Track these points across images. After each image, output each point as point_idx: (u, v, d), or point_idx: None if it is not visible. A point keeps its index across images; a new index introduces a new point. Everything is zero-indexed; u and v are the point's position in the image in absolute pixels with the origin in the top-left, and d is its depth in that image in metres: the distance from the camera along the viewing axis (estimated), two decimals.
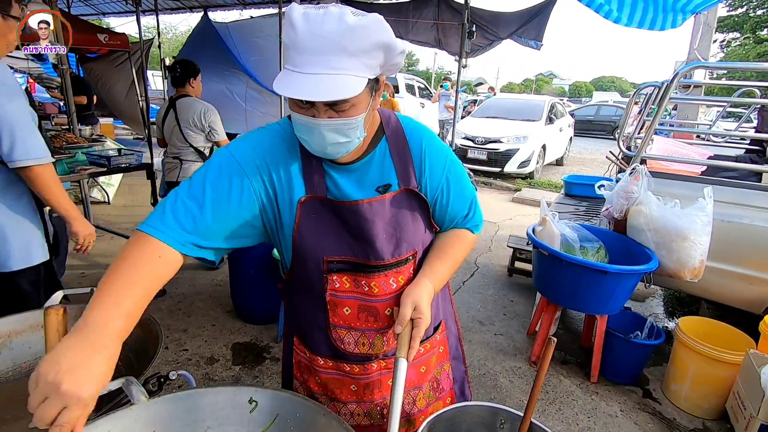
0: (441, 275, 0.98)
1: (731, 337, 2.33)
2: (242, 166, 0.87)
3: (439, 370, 1.16)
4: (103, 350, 0.66)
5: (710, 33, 5.13)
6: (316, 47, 0.72)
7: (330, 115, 0.78)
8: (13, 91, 1.56)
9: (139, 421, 0.89)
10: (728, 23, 21.09)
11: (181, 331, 2.80)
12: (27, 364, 1.28)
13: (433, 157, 0.97)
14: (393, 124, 0.97)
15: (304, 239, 0.91)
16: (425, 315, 0.90)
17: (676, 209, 2.33)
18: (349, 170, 0.93)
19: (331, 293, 0.96)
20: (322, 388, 1.07)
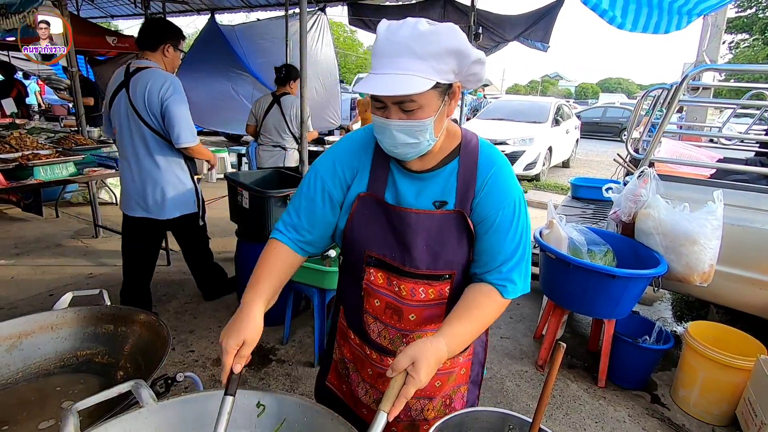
0: (460, 337, 0.91)
1: (741, 343, 2.30)
2: (322, 175, 1.04)
3: (455, 390, 1.17)
4: (245, 316, 0.91)
5: (719, 34, 5.09)
6: (389, 51, 0.82)
7: (400, 116, 0.87)
8: (183, 98, 2.45)
9: (148, 424, 0.90)
10: (737, 24, 20.90)
11: (187, 333, 2.81)
12: (36, 364, 1.29)
13: (494, 190, 0.96)
14: (471, 147, 0.99)
15: (353, 230, 1.02)
16: (419, 375, 0.81)
17: (686, 213, 2.31)
18: (415, 178, 0.99)
19: (366, 283, 1.04)
20: (352, 357, 1.17)
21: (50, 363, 1.30)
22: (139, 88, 2.37)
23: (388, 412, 0.80)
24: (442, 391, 1.14)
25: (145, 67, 2.41)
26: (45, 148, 3.18)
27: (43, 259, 3.81)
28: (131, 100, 2.39)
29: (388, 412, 0.80)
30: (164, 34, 2.49)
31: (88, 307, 1.39)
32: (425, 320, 1.04)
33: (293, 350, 2.71)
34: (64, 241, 4.27)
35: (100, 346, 1.35)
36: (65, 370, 1.31)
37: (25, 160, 2.81)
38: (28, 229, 4.57)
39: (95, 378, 1.28)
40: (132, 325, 1.36)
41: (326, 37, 7.63)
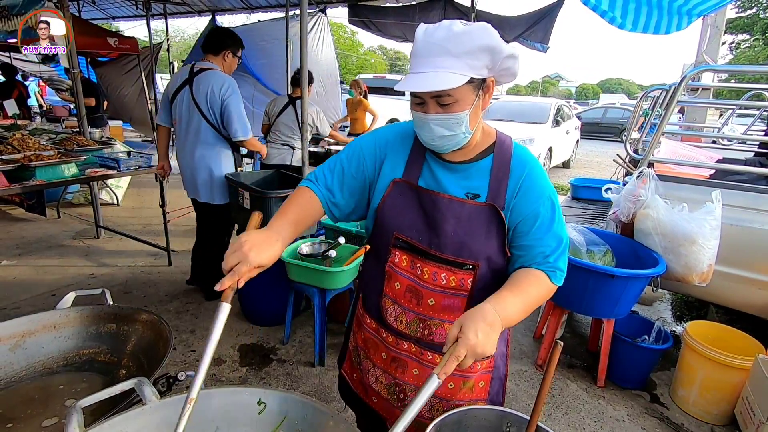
0: (510, 305, 0.91)
1: (740, 342, 2.31)
2: (363, 150, 1.11)
3: (468, 401, 1.14)
4: (275, 242, 0.93)
5: (719, 35, 5.09)
6: (426, 51, 0.89)
7: (437, 110, 0.93)
8: (239, 98, 2.85)
9: (151, 421, 0.91)
10: (738, 25, 20.88)
11: (189, 332, 2.82)
12: (40, 363, 1.30)
13: (531, 188, 1.01)
14: (505, 147, 1.05)
15: (384, 212, 1.07)
16: (467, 335, 0.81)
17: (684, 213, 2.32)
18: (450, 168, 1.04)
19: (390, 265, 1.08)
20: (363, 344, 1.20)
21: (53, 362, 1.32)
22: (203, 86, 2.77)
23: (438, 374, 0.81)
24: (455, 398, 1.12)
25: (208, 69, 2.84)
26: (47, 149, 3.19)
27: (45, 260, 3.83)
28: (194, 96, 2.81)
29: (438, 374, 0.81)
30: (226, 41, 2.94)
31: (91, 306, 1.40)
32: (444, 308, 1.05)
33: (294, 350, 2.72)
34: (65, 242, 4.29)
35: (103, 345, 1.36)
36: (68, 369, 1.32)
37: (27, 161, 2.82)
38: (30, 229, 4.58)
39: (98, 376, 1.29)
40: (134, 324, 1.37)
41: (327, 38, 7.65)
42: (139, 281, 3.49)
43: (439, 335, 1.07)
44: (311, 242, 2.72)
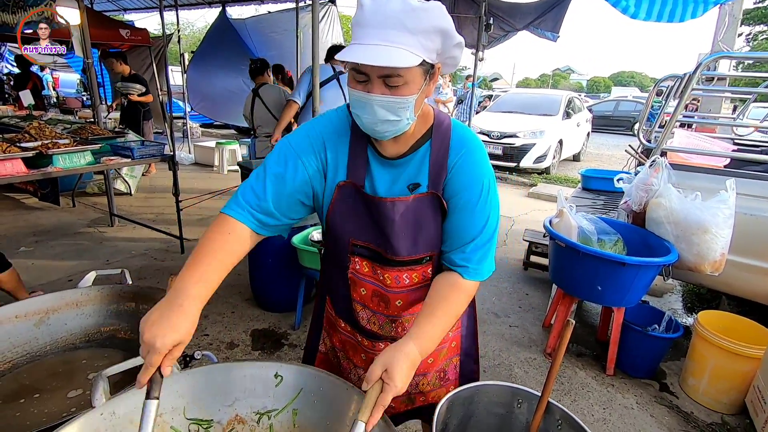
0: (430, 337, 0.90)
1: (752, 332, 2.29)
2: (297, 150, 0.97)
3: (448, 363, 1.20)
4: (181, 309, 0.78)
5: (735, 24, 4.99)
6: (377, 22, 0.79)
7: (383, 91, 0.84)
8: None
9: (173, 391, 0.94)
10: (755, 15, 20.39)
11: (202, 317, 2.83)
12: (63, 339, 1.35)
13: (465, 169, 0.96)
14: (443, 129, 0.98)
15: (335, 219, 1.00)
16: (395, 382, 0.80)
17: (697, 202, 2.30)
18: (390, 165, 0.98)
19: (352, 272, 1.05)
20: (341, 345, 1.18)
21: (76, 338, 1.36)
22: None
23: (366, 422, 0.76)
24: (436, 366, 1.16)
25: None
26: (63, 137, 3.25)
27: (61, 247, 3.91)
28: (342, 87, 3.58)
29: (366, 422, 0.76)
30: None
31: (111, 285, 1.44)
32: (411, 303, 1.06)
33: (305, 335, 2.74)
34: (80, 230, 4.37)
35: (123, 322, 1.40)
36: (90, 345, 1.37)
37: (44, 149, 2.88)
38: (45, 217, 4.67)
39: (119, 352, 1.34)
40: (153, 303, 1.37)
41: (336, 29, 7.64)
42: (153, 268, 3.55)
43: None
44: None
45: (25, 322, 1.30)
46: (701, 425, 2.19)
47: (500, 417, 1.07)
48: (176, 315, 0.77)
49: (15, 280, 2.60)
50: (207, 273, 0.85)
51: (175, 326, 0.76)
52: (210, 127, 11.64)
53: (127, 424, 0.88)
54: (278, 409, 0.98)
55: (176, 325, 0.76)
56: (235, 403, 0.99)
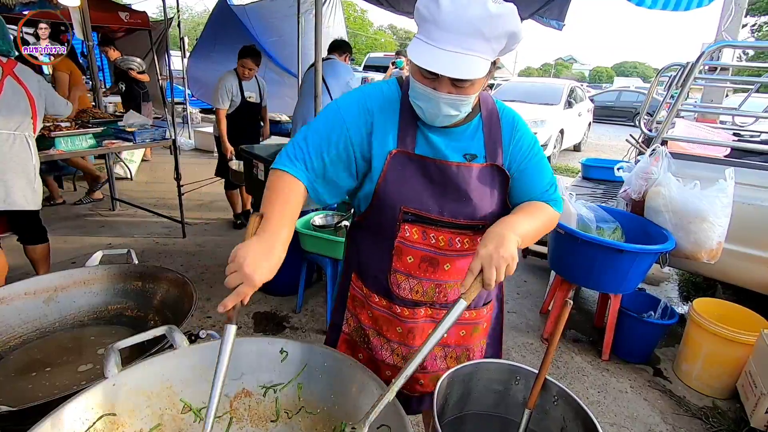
0: (515, 219, 0.96)
1: (745, 318, 2.34)
2: (346, 121, 0.99)
3: (476, 344, 1.22)
4: (275, 251, 0.87)
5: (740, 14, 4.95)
6: (457, 27, 0.80)
7: (450, 90, 0.87)
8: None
9: (182, 363, 0.97)
10: (760, 6, 20.17)
11: (204, 300, 2.91)
12: (71, 316, 1.38)
13: (522, 137, 1.06)
14: (490, 105, 1.06)
15: (387, 187, 1.00)
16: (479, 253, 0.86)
17: (696, 190, 2.33)
18: (444, 132, 1.01)
19: (400, 240, 1.04)
20: (372, 322, 1.17)
21: (84, 315, 1.39)
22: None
23: (464, 297, 0.85)
24: (467, 343, 1.19)
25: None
26: (64, 120, 3.25)
27: (63, 230, 3.93)
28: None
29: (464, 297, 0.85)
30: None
31: (118, 264, 1.47)
32: (459, 270, 1.08)
33: (306, 318, 2.81)
34: (82, 213, 4.39)
35: (130, 300, 1.43)
36: (98, 322, 1.40)
37: (47, 132, 2.88)
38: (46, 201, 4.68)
39: (126, 329, 1.37)
40: (159, 282, 1.44)
41: (338, 15, 7.56)
42: (155, 252, 3.58)
43: (454, 294, 1.10)
44: (324, 214, 2.77)
45: (35, 299, 1.33)
46: (693, 409, 2.24)
47: (498, 393, 1.10)
48: (273, 257, 0.85)
49: (45, 256, 2.76)
50: (289, 218, 0.92)
51: (270, 267, 0.84)
52: (210, 113, 11.55)
53: (139, 395, 0.91)
54: (284, 383, 1.02)
55: (270, 264, 0.84)
56: (242, 377, 1.02)
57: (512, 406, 1.10)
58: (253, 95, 3.95)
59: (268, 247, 0.86)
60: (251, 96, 3.93)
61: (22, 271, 3.11)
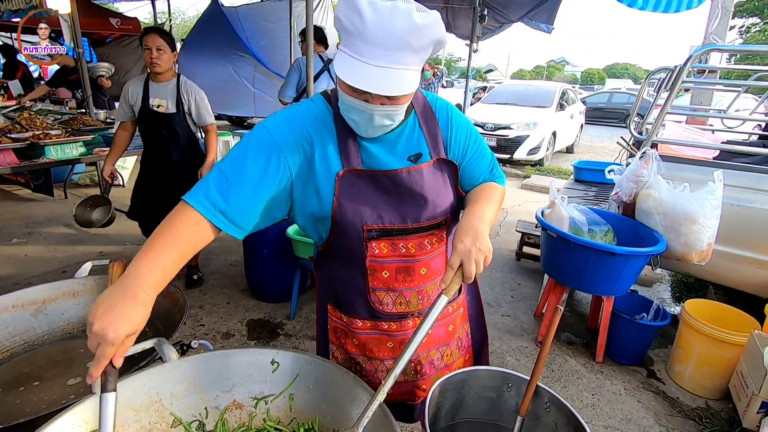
0: (488, 213, 1.00)
1: (736, 319, 2.36)
2: (280, 144, 0.92)
3: (462, 330, 1.25)
4: (135, 298, 0.74)
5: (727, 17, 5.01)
6: (384, 42, 0.77)
7: (383, 102, 0.85)
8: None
9: (172, 377, 0.96)
10: (747, 8, 20.47)
11: (197, 308, 2.89)
12: (61, 328, 1.36)
13: (458, 125, 1.07)
14: (420, 99, 1.04)
15: (344, 210, 0.96)
16: (455, 248, 0.89)
17: (686, 193, 2.35)
18: (382, 141, 0.99)
19: (371, 259, 1.02)
20: (359, 349, 1.13)
21: (73, 327, 1.38)
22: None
23: (445, 292, 0.86)
24: (455, 334, 1.21)
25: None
26: (54, 128, 3.22)
27: (54, 238, 3.89)
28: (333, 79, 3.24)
29: (445, 293, 0.86)
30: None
31: (108, 275, 1.45)
32: (434, 271, 1.09)
33: (300, 325, 2.80)
34: (73, 221, 4.34)
35: None
36: None
37: (36, 140, 2.86)
38: (38, 209, 4.64)
39: None
40: None
41: (330, 19, 7.57)
42: None
43: (435, 294, 1.07)
44: None
45: (23, 312, 1.31)
46: (686, 410, 2.25)
47: (491, 401, 1.10)
48: (129, 304, 0.72)
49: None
50: (165, 262, 0.80)
51: (127, 316, 0.71)
52: None
53: (127, 409, 0.90)
54: (275, 394, 1.01)
55: (129, 315, 0.72)
56: (233, 388, 1.01)
57: (505, 412, 1.10)
58: (165, 104, 2.75)
59: (122, 294, 0.73)
60: (160, 105, 2.75)
61: (13, 281, 3.08)
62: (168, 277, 0.81)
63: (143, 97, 2.72)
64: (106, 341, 0.70)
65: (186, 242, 0.84)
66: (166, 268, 0.80)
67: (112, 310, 0.71)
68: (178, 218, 0.86)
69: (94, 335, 0.70)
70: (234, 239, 0.99)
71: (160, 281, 0.79)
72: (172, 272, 0.82)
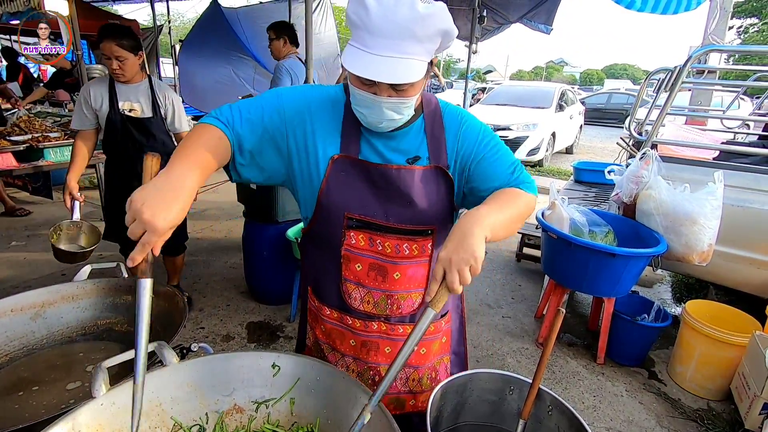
0: (484, 210, 0.85)
1: (737, 320, 2.35)
2: (285, 111, 0.97)
3: (439, 361, 1.18)
4: (180, 197, 0.76)
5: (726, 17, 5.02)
6: (388, 31, 0.79)
7: (390, 93, 0.86)
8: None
9: (172, 381, 0.96)
10: (746, 8, 20.54)
11: (197, 310, 2.89)
12: (59, 332, 1.35)
13: (468, 129, 1.02)
14: (433, 106, 1.04)
15: (330, 194, 0.98)
16: (439, 257, 0.78)
17: (686, 193, 2.34)
18: (386, 136, 0.99)
19: (346, 248, 1.02)
20: (325, 337, 1.14)
21: (72, 331, 1.37)
22: None
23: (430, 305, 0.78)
24: (428, 361, 1.15)
25: None
26: (53, 130, 3.22)
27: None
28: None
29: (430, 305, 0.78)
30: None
31: (107, 278, 1.44)
32: (409, 279, 1.04)
33: None
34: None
35: (119, 315, 1.41)
36: (87, 338, 1.37)
37: (35, 142, 2.85)
38: (37, 211, 4.63)
39: (116, 345, 1.35)
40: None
41: (329, 20, 7.59)
42: None
43: (408, 307, 1.07)
44: None
45: (21, 316, 1.31)
46: (688, 411, 2.25)
47: (492, 404, 1.10)
48: (174, 199, 0.75)
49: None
50: (198, 168, 0.83)
51: (173, 209, 0.74)
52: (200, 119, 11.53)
53: (127, 413, 0.89)
54: (276, 399, 1.00)
55: (174, 208, 0.74)
56: (233, 392, 1.01)
57: (507, 416, 1.09)
58: (138, 107, 2.43)
59: (170, 188, 0.76)
60: (133, 108, 2.42)
61: (12, 284, 3.08)
62: (200, 183, 0.84)
63: (110, 101, 2.37)
64: (155, 229, 0.72)
65: (211, 154, 0.88)
66: (198, 174, 0.83)
67: (159, 201, 0.73)
68: (204, 133, 0.90)
69: (141, 222, 0.71)
70: (234, 240, 1.00)
71: (194, 186, 0.81)
72: (202, 180, 0.85)
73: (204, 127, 0.91)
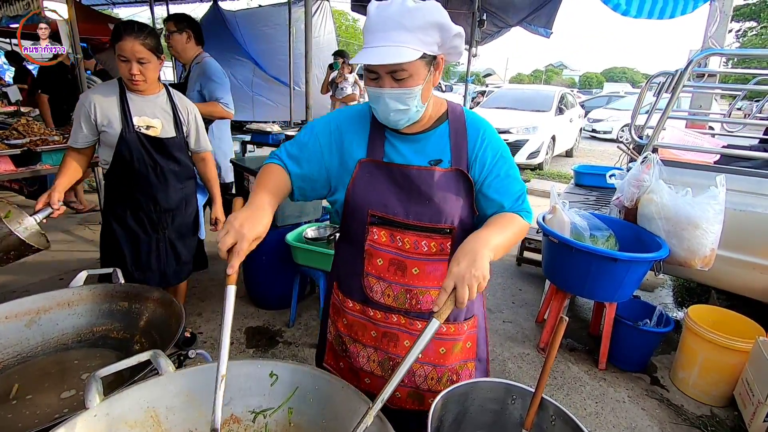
0: (488, 232, 0.96)
1: (741, 325, 2.33)
2: (317, 134, 1.14)
3: (462, 366, 1.20)
4: (263, 213, 0.95)
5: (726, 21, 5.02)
6: (381, 25, 0.93)
7: (392, 85, 0.97)
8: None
9: (168, 391, 0.94)
10: (745, 12, 20.61)
11: (195, 315, 2.86)
12: (55, 339, 1.33)
13: (488, 146, 1.10)
14: (458, 113, 1.13)
15: (355, 193, 1.09)
16: (450, 271, 0.86)
17: (688, 197, 2.33)
18: (410, 140, 1.09)
19: (369, 243, 1.10)
20: (347, 329, 1.20)
21: (68, 338, 1.35)
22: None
23: (436, 316, 0.84)
24: (448, 362, 1.17)
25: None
26: (52, 134, 3.20)
27: (52, 245, 3.85)
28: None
29: (436, 316, 0.84)
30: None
31: (103, 284, 1.43)
32: (428, 275, 1.10)
33: (299, 332, 2.77)
34: (71, 228, 4.32)
35: (116, 322, 1.39)
36: (82, 345, 1.35)
37: (33, 146, 2.84)
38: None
39: (112, 352, 1.33)
40: (146, 302, 1.40)
41: (329, 24, 7.61)
42: None
43: (426, 303, 1.11)
44: (316, 226, 2.74)
45: (16, 323, 1.29)
46: (691, 417, 2.22)
47: (494, 413, 1.08)
48: (259, 217, 0.93)
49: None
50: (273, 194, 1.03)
51: (260, 224, 0.91)
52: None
53: (121, 424, 0.87)
54: (273, 408, 0.98)
55: (260, 223, 0.92)
56: (230, 402, 0.99)
57: (509, 425, 1.07)
58: (157, 124, 1.98)
59: (255, 209, 0.94)
60: (151, 126, 1.96)
61: (9, 289, 3.06)
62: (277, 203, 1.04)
63: (123, 116, 1.90)
64: (243, 237, 0.87)
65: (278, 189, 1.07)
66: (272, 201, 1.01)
67: (250, 218, 0.90)
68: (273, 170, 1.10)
69: (234, 234, 0.87)
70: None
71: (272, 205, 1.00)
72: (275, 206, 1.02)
73: (270, 166, 1.12)
